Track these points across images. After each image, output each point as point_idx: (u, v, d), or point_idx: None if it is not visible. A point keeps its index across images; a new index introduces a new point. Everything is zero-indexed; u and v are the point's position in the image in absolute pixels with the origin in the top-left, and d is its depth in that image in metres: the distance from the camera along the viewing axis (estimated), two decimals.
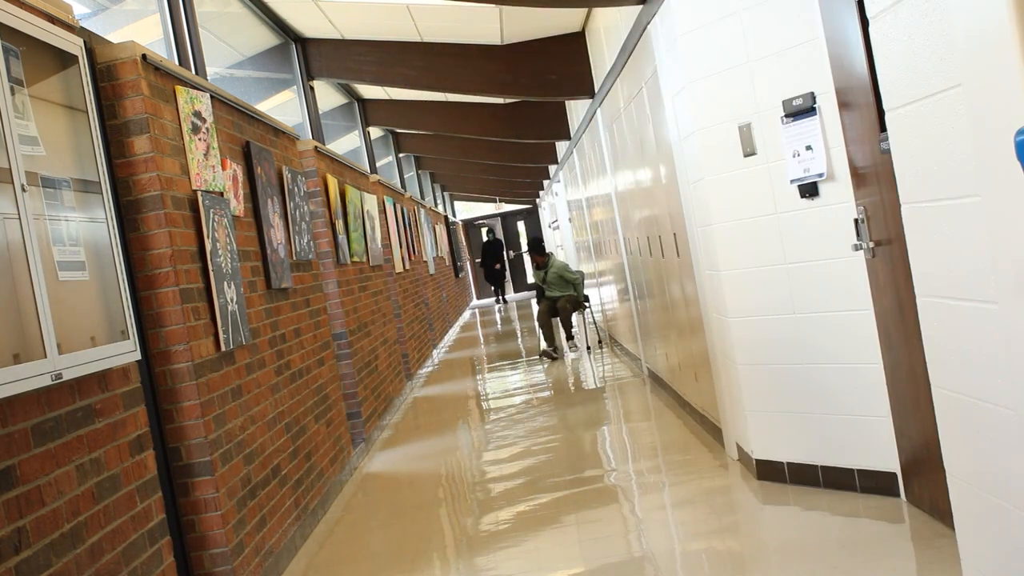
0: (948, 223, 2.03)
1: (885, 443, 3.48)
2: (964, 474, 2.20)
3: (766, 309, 3.87)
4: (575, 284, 9.60)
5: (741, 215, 3.92)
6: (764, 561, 3.20)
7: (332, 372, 5.62)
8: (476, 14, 6.92)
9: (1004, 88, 1.69)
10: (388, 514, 4.70)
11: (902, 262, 2.94)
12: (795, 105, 3.55)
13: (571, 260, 15.04)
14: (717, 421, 4.71)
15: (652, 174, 5.56)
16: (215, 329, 3.65)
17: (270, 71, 7.80)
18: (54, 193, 2.52)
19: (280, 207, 4.87)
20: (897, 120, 2.19)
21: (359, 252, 7.13)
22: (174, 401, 3.40)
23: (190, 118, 3.74)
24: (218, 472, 3.46)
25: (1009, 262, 1.79)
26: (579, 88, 7.92)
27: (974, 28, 1.76)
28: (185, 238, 3.51)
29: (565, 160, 12.01)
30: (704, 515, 3.81)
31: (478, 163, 15.01)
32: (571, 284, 9.60)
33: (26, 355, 2.24)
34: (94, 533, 2.57)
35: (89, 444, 2.63)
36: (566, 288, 9.60)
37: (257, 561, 3.71)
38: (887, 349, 3.37)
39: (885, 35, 2.16)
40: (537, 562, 3.64)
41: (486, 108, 10.48)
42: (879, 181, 3.15)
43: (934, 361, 2.26)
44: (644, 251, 6.45)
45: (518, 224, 25.24)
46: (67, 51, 2.72)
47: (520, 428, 6.26)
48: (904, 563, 2.95)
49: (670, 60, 4.36)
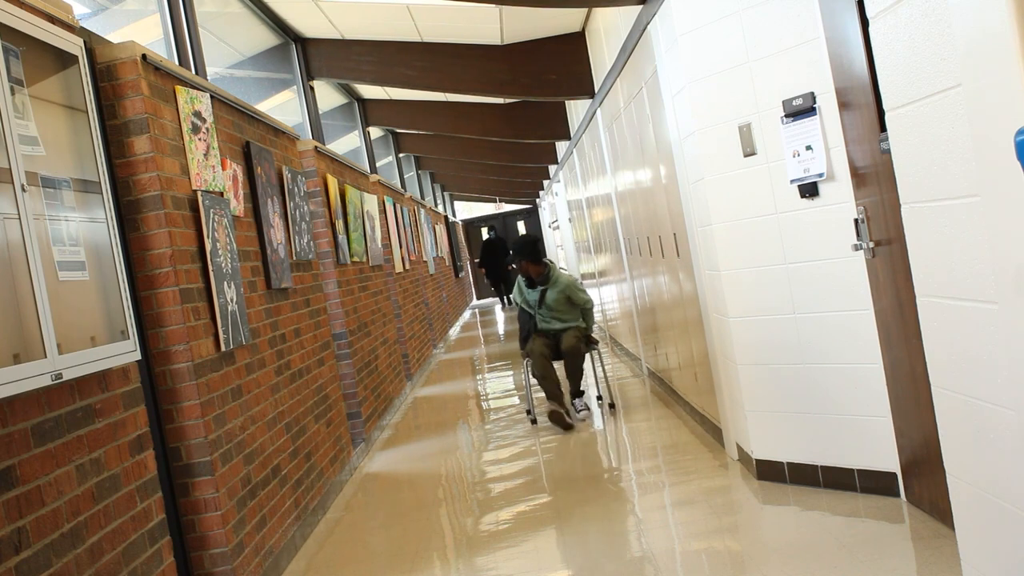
0: (948, 223, 2.03)
1: (885, 443, 3.48)
2: (964, 474, 2.20)
3: (766, 309, 3.87)
4: (586, 312, 6.33)
5: (741, 215, 3.92)
6: (764, 561, 3.20)
7: (332, 372, 5.62)
8: (476, 14, 6.92)
9: (1004, 88, 1.69)
10: (388, 514, 4.70)
11: (902, 262, 2.94)
12: (795, 105, 3.55)
13: (571, 260, 14.98)
14: (717, 421, 4.71)
15: (652, 174, 5.56)
16: (215, 329, 3.65)
17: (270, 71, 7.80)
18: (54, 193, 2.52)
19: (280, 207, 4.87)
20: (897, 120, 2.19)
21: (359, 252, 7.12)
22: (174, 401, 3.40)
23: (190, 118, 3.74)
24: (218, 472, 3.46)
25: (1009, 262, 1.79)
26: (579, 88, 7.92)
27: (974, 28, 1.76)
28: (185, 238, 3.51)
29: (565, 160, 12.01)
30: (704, 515, 3.81)
31: (478, 163, 15.01)
32: (581, 310, 6.32)
33: (26, 355, 2.24)
34: (94, 533, 2.57)
35: (89, 444, 2.63)
36: (571, 316, 6.28)
37: (257, 561, 3.71)
38: (887, 349, 3.37)
39: (885, 35, 2.16)
40: (537, 562, 3.64)
41: (486, 108, 10.48)
42: (879, 181, 3.15)
43: (934, 361, 2.26)
44: (644, 251, 6.44)
45: (518, 224, 25.25)
46: (67, 51, 2.72)
47: (520, 428, 6.26)
48: (904, 563, 2.95)
49: (670, 60, 4.36)
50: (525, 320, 6.46)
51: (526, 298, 6.44)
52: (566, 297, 6.23)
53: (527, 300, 6.43)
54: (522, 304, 6.49)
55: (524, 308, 6.47)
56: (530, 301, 6.39)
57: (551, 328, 6.28)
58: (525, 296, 6.44)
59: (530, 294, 6.37)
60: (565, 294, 6.22)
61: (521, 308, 6.52)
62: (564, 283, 6.22)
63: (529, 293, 6.38)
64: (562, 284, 6.22)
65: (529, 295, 6.39)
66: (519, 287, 6.47)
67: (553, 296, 6.22)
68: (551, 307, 6.24)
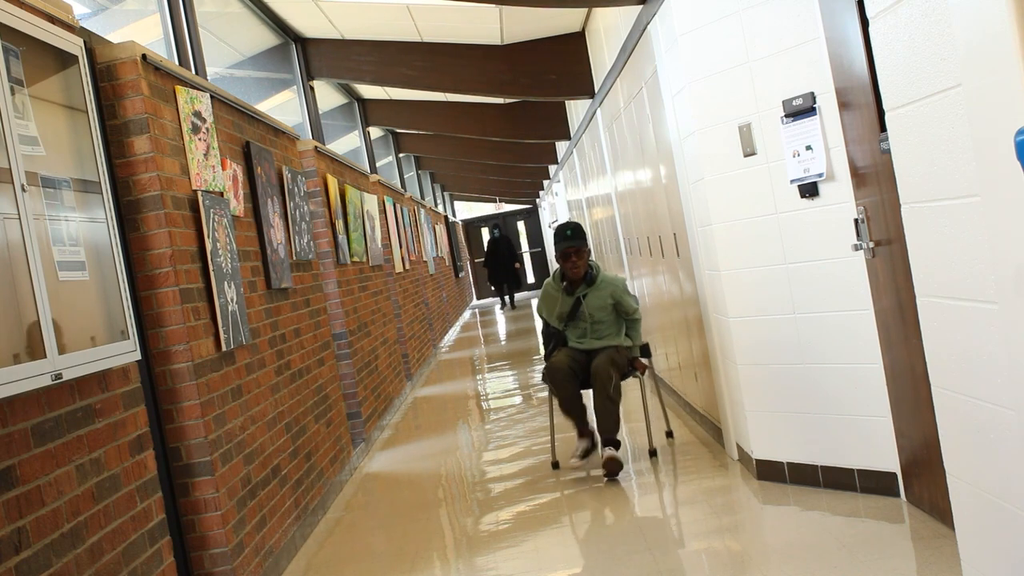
0: (948, 223, 2.03)
1: (885, 443, 3.48)
2: (964, 474, 2.20)
3: (766, 309, 3.87)
4: (633, 325, 4.87)
5: (741, 215, 3.92)
6: (764, 561, 3.19)
7: (332, 372, 5.62)
8: (476, 14, 6.92)
9: (1004, 88, 1.69)
10: (388, 514, 4.70)
11: (902, 262, 2.94)
12: (795, 105, 3.55)
13: None
14: (717, 421, 4.71)
15: (652, 174, 5.56)
16: (215, 329, 3.65)
17: (270, 71, 7.80)
18: (54, 193, 2.52)
19: (280, 207, 4.87)
20: (897, 120, 2.19)
21: (359, 252, 7.13)
22: (174, 401, 3.40)
23: (190, 118, 3.74)
24: (218, 472, 3.46)
25: (1009, 262, 1.79)
26: (579, 88, 7.92)
27: (974, 28, 1.76)
28: (185, 238, 3.51)
29: (565, 160, 12.01)
30: (704, 515, 3.81)
31: (478, 163, 15.01)
32: (626, 321, 4.85)
33: (26, 355, 2.24)
34: (94, 533, 2.57)
35: (89, 444, 2.63)
36: (615, 331, 4.81)
37: (257, 561, 3.71)
38: (887, 349, 3.37)
39: (885, 35, 2.16)
40: (537, 562, 3.64)
41: (486, 108, 10.48)
42: (879, 181, 3.14)
43: (934, 361, 2.26)
44: (644, 251, 6.45)
45: (518, 224, 25.25)
46: (67, 51, 2.72)
47: (520, 428, 6.26)
48: (904, 563, 2.95)
49: (670, 60, 4.36)
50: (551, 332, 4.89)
51: (560, 310, 4.76)
52: (612, 304, 4.70)
53: (561, 312, 4.77)
54: (548, 317, 4.87)
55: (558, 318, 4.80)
56: (563, 313, 4.75)
57: (584, 345, 4.76)
58: (558, 306, 4.78)
59: (564, 302, 4.74)
60: (612, 299, 4.70)
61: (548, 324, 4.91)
62: (608, 284, 4.72)
63: (559, 301, 4.77)
64: (606, 285, 4.71)
65: (556, 303, 4.79)
66: (547, 293, 4.87)
67: (597, 302, 4.68)
68: (592, 318, 4.70)
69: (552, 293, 4.84)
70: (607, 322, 4.73)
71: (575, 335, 4.78)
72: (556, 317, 4.79)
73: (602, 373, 4.52)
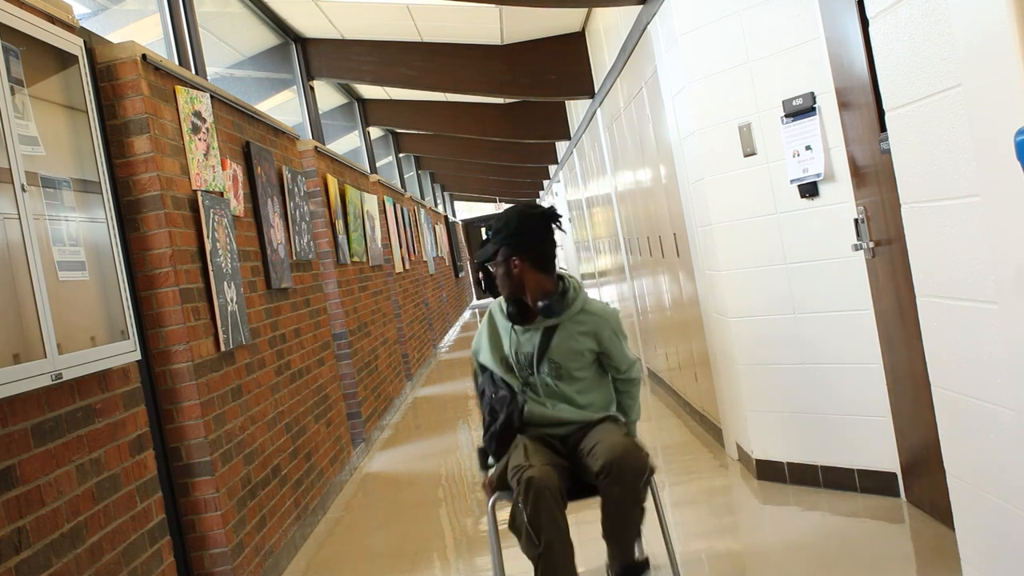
0: (948, 223, 2.03)
1: (885, 443, 3.48)
2: (964, 474, 2.20)
3: (766, 309, 3.87)
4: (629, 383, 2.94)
5: (741, 215, 3.92)
6: (764, 561, 3.19)
7: (332, 372, 5.62)
8: (476, 14, 6.92)
9: (1004, 88, 1.69)
10: (388, 514, 4.70)
11: (902, 262, 2.94)
12: (795, 105, 3.55)
13: (571, 260, 14.94)
14: (717, 421, 4.71)
15: (652, 174, 5.56)
16: (215, 329, 3.65)
17: (270, 71, 7.80)
18: (54, 193, 2.52)
19: (280, 207, 4.87)
20: (897, 120, 2.19)
21: (359, 252, 7.13)
22: (174, 401, 3.40)
23: (190, 118, 3.74)
24: (218, 472, 3.46)
25: (1009, 262, 1.79)
26: (579, 88, 7.92)
27: (974, 28, 1.76)
28: (185, 238, 3.51)
29: (565, 160, 12.01)
30: (704, 515, 3.81)
31: (478, 163, 15.01)
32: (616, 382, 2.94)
33: (26, 355, 2.24)
34: (94, 533, 2.57)
35: (89, 444, 2.63)
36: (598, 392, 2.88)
37: (257, 561, 3.71)
38: (887, 349, 3.37)
39: (885, 35, 2.16)
40: None
41: (486, 108, 10.48)
42: (879, 181, 3.15)
43: (934, 361, 2.26)
44: (644, 251, 6.44)
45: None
46: (67, 51, 2.72)
47: None
48: (904, 563, 2.95)
49: (670, 60, 4.36)
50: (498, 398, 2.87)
51: (503, 354, 2.91)
52: (593, 347, 2.84)
53: (504, 357, 2.91)
54: (490, 362, 2.95)
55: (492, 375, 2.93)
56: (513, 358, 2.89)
57: (554, 418, 2.84)
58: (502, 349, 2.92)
59: (516, 340, 2.88)
60: (594, 340, 2.84)
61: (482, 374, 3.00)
62: (597, 317, 2.85)
63: (515, 338, 2.88)
64: (593, 319, 2.84)
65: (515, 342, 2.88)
66: (489, 327, 2.97)
67: (567, 342, 2.82)
68: (559, 368, 2.83)
69: (498, 325, 2.97)
70: (587, 375, 2.86)
71: (538, 395, 2.87)
72: (501, 364, 2.92)
73: (622, 464, 2.56)
